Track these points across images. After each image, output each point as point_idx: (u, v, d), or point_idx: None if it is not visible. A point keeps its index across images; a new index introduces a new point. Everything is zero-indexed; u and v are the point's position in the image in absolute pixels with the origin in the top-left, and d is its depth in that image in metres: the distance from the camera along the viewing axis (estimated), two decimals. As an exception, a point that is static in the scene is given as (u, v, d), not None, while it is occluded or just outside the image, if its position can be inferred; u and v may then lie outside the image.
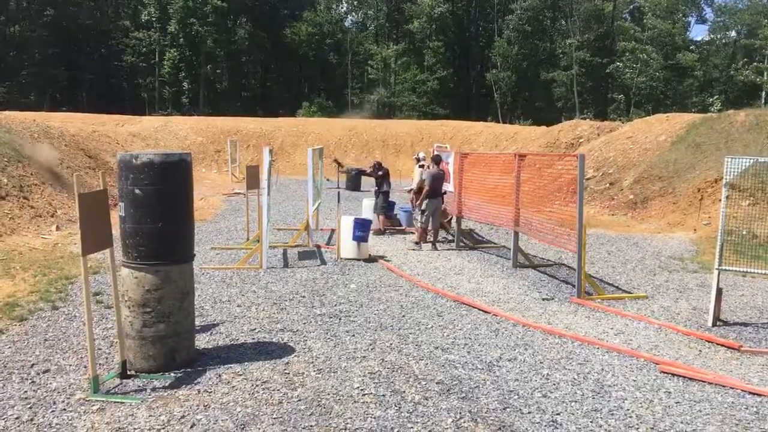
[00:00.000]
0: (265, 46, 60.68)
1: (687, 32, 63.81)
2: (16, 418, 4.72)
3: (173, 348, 5.69)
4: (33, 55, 54.32)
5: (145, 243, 5.51)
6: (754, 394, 5.49)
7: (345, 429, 4.71)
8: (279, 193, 20.68)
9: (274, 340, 6.65)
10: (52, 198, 14.19)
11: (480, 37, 65.73)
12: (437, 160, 13.01)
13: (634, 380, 5.76)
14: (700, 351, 6.68)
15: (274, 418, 4.82)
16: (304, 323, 7.26)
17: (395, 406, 5.08)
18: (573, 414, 5.04)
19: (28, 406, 4.93)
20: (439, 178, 12.47)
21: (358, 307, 8.00)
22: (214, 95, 60.89)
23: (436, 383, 5.56)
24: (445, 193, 13.05)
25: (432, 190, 12.22)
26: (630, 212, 17.03)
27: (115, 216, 5.57)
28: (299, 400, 5.14)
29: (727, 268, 8.05)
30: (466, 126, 37.64)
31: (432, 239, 12.51)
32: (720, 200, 8.15)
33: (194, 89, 59.30)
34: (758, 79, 54.12)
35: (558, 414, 5.03)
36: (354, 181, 24.44)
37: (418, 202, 12.40)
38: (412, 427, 4.76)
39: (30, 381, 5.41)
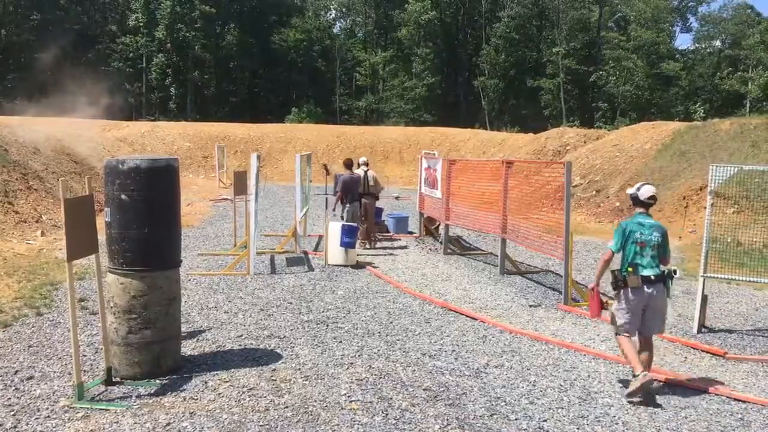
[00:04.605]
0: (254, 51, 60.59)
1: (672, 41, 64.56)
2: (0, 426, 4.67)
3: (159, 354, 5.65)
4: (19, 60, 53.92)
5: (131, 249, 5.47)
6: (738, 400, 5.53)
7: (332, 436, 4.70)
8: (266, 199, 20.65)
9: (260, 346, 6.62)
10: (37, 203, 14.07)
11: (468, 44, 66.00)
12: (348, 164, 12.73)
13: (620, 387, 5.78)
14: (685, 358, 6.72)
15: (261, 425, 4.79)
16: (291, 330, 7.23)
17: (382, 412, 5.07)
18: (560, 421, 5.05)
19: (12, 413, 4.87)
20: (350, 183, 12.28)
21: (346, 314, 7.99)
22: (201, 101, 60.73)
23: (424, 390, 5.56)
24: (368, 194, 12.99)
25: (344, 195, 12.15)
26: (616, 219, 17.13)
27: (101, 221, 5.53)
28: (286, 407, 5.12)
29: (712, 275, 8.13)
30: (454, 133, 37.77)
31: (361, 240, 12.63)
32: (705, 208, 8.22)
33: (182, 94, 59.09)
34: (742, 88, 54.75)
35: (545, 421, 5.04)
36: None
37: (332, 207, 12.34)
38: (399, 434, 4.75)
39: (14, 388, 5.35)
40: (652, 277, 5.51)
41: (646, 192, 5.74)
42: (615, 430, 4.92)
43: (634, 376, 5.42)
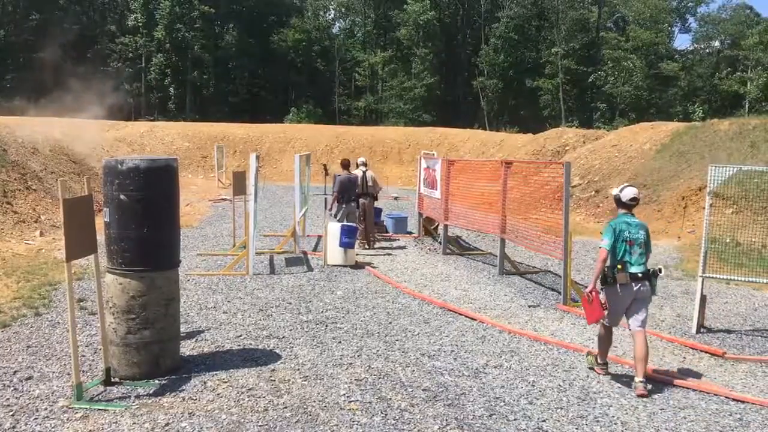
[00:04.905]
0: (253, 52, 60.57)
1: (671, 42, 64.59)
2: (-2, 426, 4.67)
3: (158, 355, 5.65)
4: (18, 59, 53.88)
5: (130, 249, 5.47)
6: (737, 400, 5.53)
7: (331, 436, 4.70)
8: (265, 200, 20.64)
9: (260, 346, 6.62)
10: (36, 203, 14.07)
11: (467, 44, 66.03)
12: (345, 165, 12.77)
13: (619, 387, 5.79)
14: (684, 358, 6.72)
15: (260, 426, 4.79)
16: (291, 330, 7.23)
17: (381, 413, 5.07)
18: (558, 421, 5.05)
19: (11, 413, 4.87)
20: (347, 183, 12.30)
21: (345, 314, 7.99)
22: (200, 101, 60.69)
23: (423, 390, 5.56)
24: (367, 195, 12.95)
25: (340, 195, 12.16)
26: (615, 220, 17.12)
27: (100, 222, 5.53)
28: (285, 408, 5.12)
29: (711, 275, 8.13)
30: (453, 133, 37.76)
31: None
32: (704, 208, 8.23)
33: (181, 95, 59.06)
34: (741, 89, 54.76)
35: (544, 421, 5.04)
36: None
37: (329, 207, 12.38)
38: (398, 435, 4.75)
39: (12, 388, 5.34)
40: (640, 275, 5.77)
41: (628, 194, 6.00)
42: (614, 431, 4.92)
43: (598, 362, 6.12)
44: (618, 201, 6.08)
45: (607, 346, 6.09)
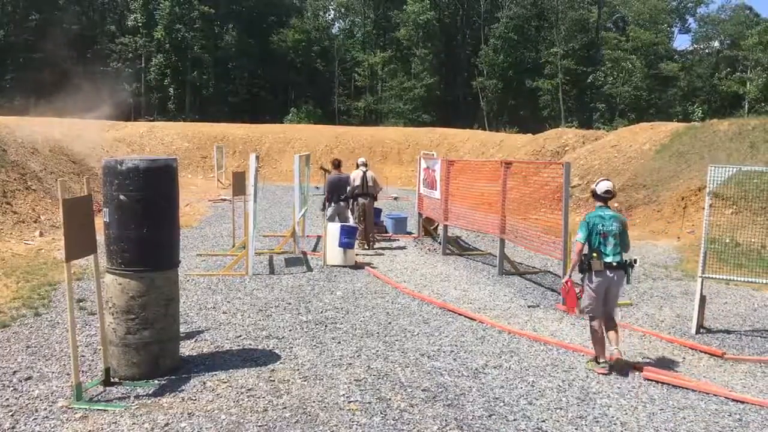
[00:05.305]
0: (252, 52, 60.56)
1: (670, 42, 64.64)
2: (-3, 426, 4.66)
3: (157, 355, 5.65)
4: (17, 60, 53.88)
5: (129, 249, 5.47)
6: (737, 401, 5.53)
7: (330, 436, 4.70)
8: (265, 200, 20.63)
9: (259, 347, 6.62)
10: (35, 203, 14.06)
11: (466, 45, 66.01)
12: (336, 164, 12.88)
13: (619, 387, 5.79)
14: (683, 358, 6.72)
15: (259, 426, 4.79)
16: (290, 330, 7.23)
17: (381, 413, 5.07)
18: (558, 421, 5.05)
19: (10, 413, 4.87)
20: (337, 183, 12.37)
21: (344, 314, 7.99)
22: (200, 101, 60.68)
23: (422, 390, 5.56)
24: (367, 195, 12.90)
25: (331, 195, 12.27)
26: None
27: (100, 222, 5.53)
28: (284, 408, 5.12)
29: (711, 276, 8.13)
30: (452, 133, 37.75)
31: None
32: (703, 208, 8.23)
33: (180, 95, 59.03)
34: (741, 89, 54.79)
35: (543, 421, 5.04)
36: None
37: (321, 207, 12.43)
38: (397, 435, 4.75)
39: (12, 388, 5.34)
40: (614, 264, 6.15)
41: (602, 187, 6.39)
42: (613, 431, 4.92)
43: (597, 361, 6.24)
44: (594, 194, 6.45)
45: (602, 344, 6.22)
